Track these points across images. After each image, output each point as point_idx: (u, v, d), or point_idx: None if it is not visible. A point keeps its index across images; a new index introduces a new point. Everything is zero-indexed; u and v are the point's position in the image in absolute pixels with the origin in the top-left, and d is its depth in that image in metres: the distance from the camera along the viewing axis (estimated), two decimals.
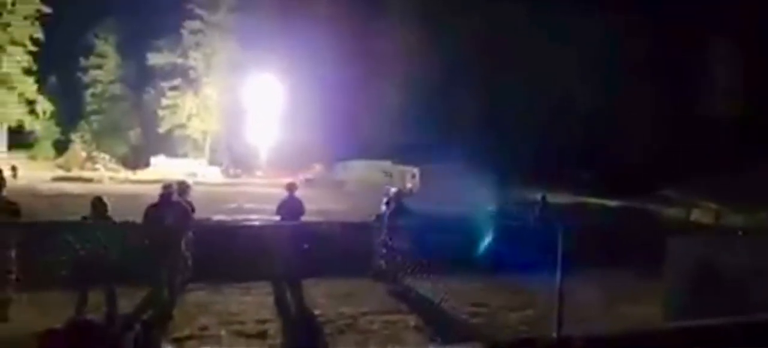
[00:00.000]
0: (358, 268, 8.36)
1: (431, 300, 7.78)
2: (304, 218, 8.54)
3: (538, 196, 12.61)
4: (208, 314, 6.57)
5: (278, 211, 8.33)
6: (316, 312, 6.94)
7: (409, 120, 38.03)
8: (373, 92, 40.78)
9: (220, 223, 9.89)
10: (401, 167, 32.90)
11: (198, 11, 43.92)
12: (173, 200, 7.40)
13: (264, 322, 6.39)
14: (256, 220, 10.08)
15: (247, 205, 18.56)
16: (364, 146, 36.82)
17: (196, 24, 44.14)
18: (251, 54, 41.87)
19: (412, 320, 6.78)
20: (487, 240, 9.04)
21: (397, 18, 43.34)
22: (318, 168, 38.43)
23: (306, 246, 7.93)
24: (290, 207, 8.30)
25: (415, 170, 31.62)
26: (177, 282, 7.14)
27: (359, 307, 7.12)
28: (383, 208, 8.76)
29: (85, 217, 6.45)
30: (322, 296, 7.49)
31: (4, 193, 6.37)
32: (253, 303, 7.12)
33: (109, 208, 6.49)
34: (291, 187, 8.53)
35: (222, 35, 44.32)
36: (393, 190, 8.92)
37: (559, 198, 24.17)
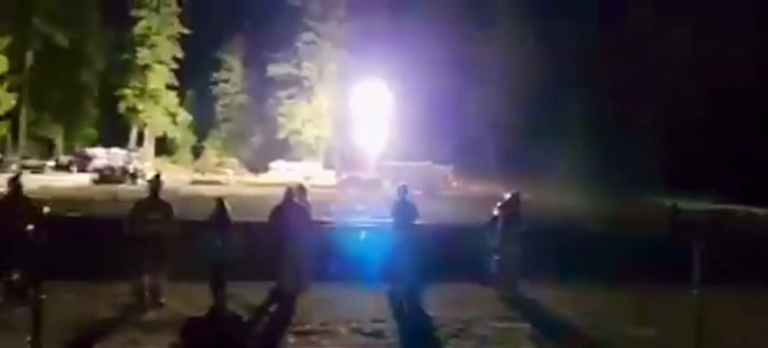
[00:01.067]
0: (470, 273, 8.31)
1: (543, 308, 7.52)
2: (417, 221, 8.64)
3: (669, 204, 11.60)
4: (328, 311, 6.92)
5: (391, 214, 8.52)
6: (430, 314, 7.03)
7: (519, 126, 36.94)
8: (480, 98, 40.19)
9: (335, 223, 10.36)
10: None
11: (311, 23, 46.63)
12: (294, 202, 7.99)
13: (380, 321, 6.61)
14: (369, 221, 10.42)
15: (360, 207, 19.26)
16: (471, 152, 36.40)
17: (309, 36, 46.85)
18: (360, 62, 43.36)
19: (526, 328, 6.61)
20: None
21: (507, 22, 42.31)
22: None
23: (420, 248, 8.06)
24: (403, 209, 8.45)
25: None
26: (299, 278, 7.67)
27: (472, 311, 7.08)
28: (495, 212, 8.61)
29: (211, 217, 7.05)
30: (434, 299, 7.55)
31: (160, 195, 7.32)
32: (370, 302, 7.39)
33: (229, 209, 7.04)
34: (403, 190, 8.65)
35: (333, 45, 46.58)
36: (507, 195, 8.71)
37: (698, 205, 22.32)
